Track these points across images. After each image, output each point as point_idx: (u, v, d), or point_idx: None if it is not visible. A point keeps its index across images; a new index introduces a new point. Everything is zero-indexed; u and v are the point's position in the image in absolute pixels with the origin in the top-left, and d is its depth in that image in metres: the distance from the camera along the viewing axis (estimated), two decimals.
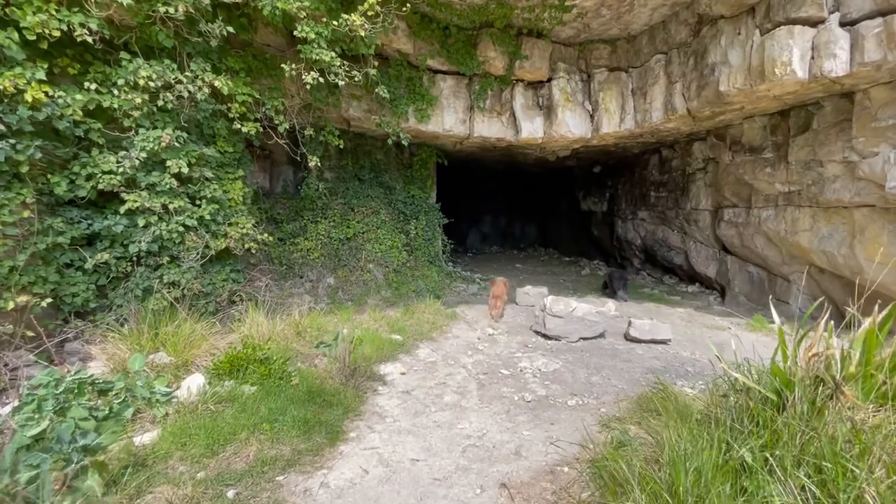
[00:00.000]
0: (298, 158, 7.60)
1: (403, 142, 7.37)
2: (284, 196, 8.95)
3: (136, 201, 4.45)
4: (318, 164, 6.49)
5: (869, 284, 6.01)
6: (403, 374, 4.72)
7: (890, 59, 4.67)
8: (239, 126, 5.44)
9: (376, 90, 6.39)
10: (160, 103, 4.44)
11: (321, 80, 5.25)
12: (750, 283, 8.44)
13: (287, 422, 3.36)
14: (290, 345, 5.08)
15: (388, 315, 6.85)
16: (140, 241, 4.65)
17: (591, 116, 8.14)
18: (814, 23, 5.10)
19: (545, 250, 18.77)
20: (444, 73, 7.92)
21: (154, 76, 4.22)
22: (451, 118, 7.99)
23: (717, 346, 6.19)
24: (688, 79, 6.82)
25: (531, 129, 8.01)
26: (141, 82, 4.16)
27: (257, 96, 5.68)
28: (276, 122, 5.99)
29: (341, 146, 7.48)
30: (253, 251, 6.02)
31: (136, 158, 4.36)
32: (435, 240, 10.60)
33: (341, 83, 5.40)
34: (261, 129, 5.96)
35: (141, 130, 4.48)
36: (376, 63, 5.97)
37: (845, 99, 5.95)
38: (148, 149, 4.40)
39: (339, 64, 5.29)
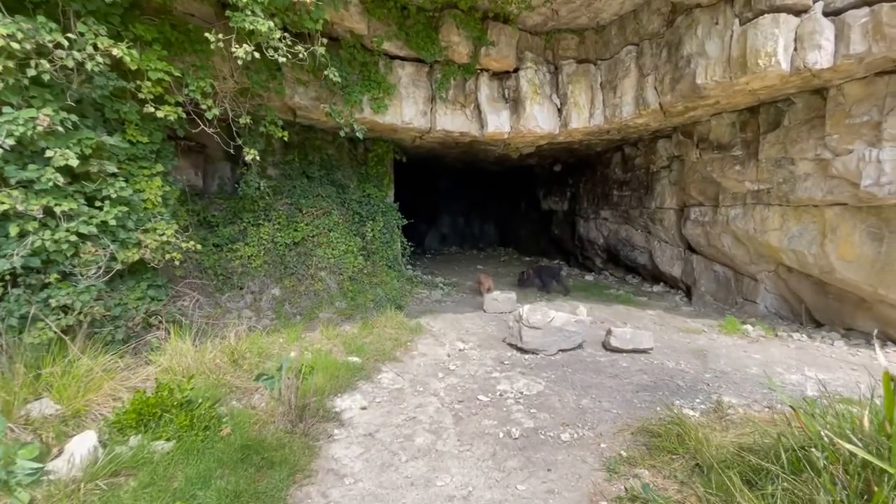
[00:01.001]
0: (236, 153, 6.58)
1: (358, 134, 6.54)
2: (221, 196, 7.82)
3: (2, 203, 3.37)
4: (257, 158, 5.57)
5: (840, 284, 5.95)
6: (364, 408, 3.95)
7: (875, 52, 4.47)
8: (153, 110, 4.41)
9: (326, 73, 5.53)
10: (32, 73, 3.37)
11: (256, 55, 4.34)
12: (716, 282, 8.35)
13: (210, 498, 2.51)
14: (222, 378, 4.15)
15: (343, 331, 6.02)
16: (13, 255, 3.56)
17: (559, 111, 7.69)
18: (797, 11, 4.85)
19: (505, 250, 18.44)
20: (403, 59, 7.16)
21: (20, 35, 3.17)
22: (410, 109, 7.25)
23: (699, 353, 5.91)
24: (661, 71, 6.49)
25: (497, 122, 7.43)
26: (0, 42, 3.10)
27: (177, 74, 4.66)
28: (204, 106, 4.99)
29: (286, 138, 6.52)
30: (177, 262, 4.99)
31: (0, 146, 3.28)
32: (394, 242, 9.81)
33: (281, 59, 4.51)
34: (184, 116, 4.95)
35: (6, 109, 3.39)
36: (324, 41, 5.12)
37: (817, 95, 5.82)
38: (17, 133, 3.33)
39: (278, 37, 4.41)
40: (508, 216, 18.69)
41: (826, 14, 4.71)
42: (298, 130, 8.56)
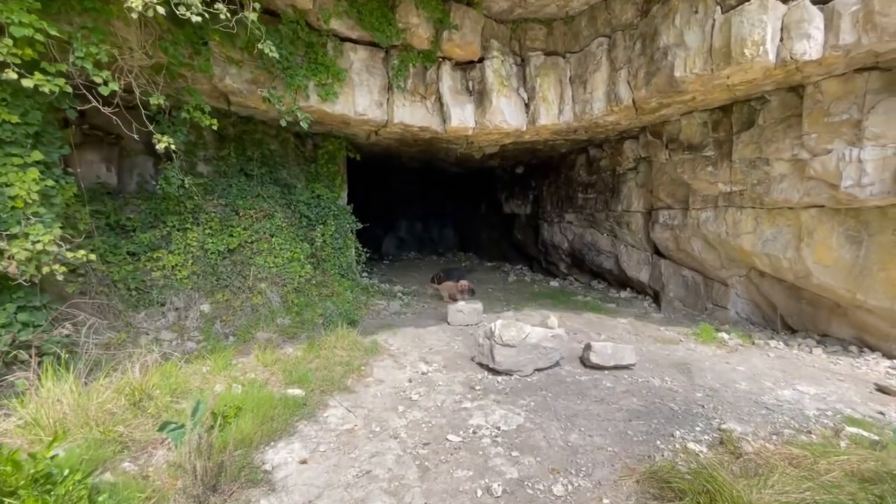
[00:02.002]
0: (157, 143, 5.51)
1: (302, 123, 5.65)
2: (140, 196, 6.64)
3: None
4: (172, 146, 4.56)
5: (815, 289, 5.72)
6: (304, 462, 3.10)
7: (864, 43, 4.20)
8: (15, 77, 3.35)
9: (261, 47, 4.63)
10: None
11: (161, 10, 3.40)
12: (685, 287, 8.10)
13: None
14: (112, 430, 3.16)
15: (284, 354, 5.09)
16: None
17: (527, 106, 7.15)
18: None
19: (465, 255, 17.88)
20: (356, 41, 6.34)
21: None
22: (364, 99, 6.44)
23: (683, 368, 5.46)
24: (635, 65, 6.09)
25: (461, 116, 6.77)
26: None
27: (56, 34, 3.62)
28: (97, 80, 3.95)
29: (217, 128, 5.52)
30: (60, 276, 3.90)
31: None
32: (347, 248, 8.91)
33: (196, 19, 3.59)
34: (70, 91, 3.90)
35: None
36: (257, 6, 4.23)
37: (793, 93, 5.59)
38: None
39: None
40: (468, 220, 18.15)
41: (815, 2, 4.41)
42: (236, 122, 7.52)
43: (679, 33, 5.35)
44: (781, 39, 4.56)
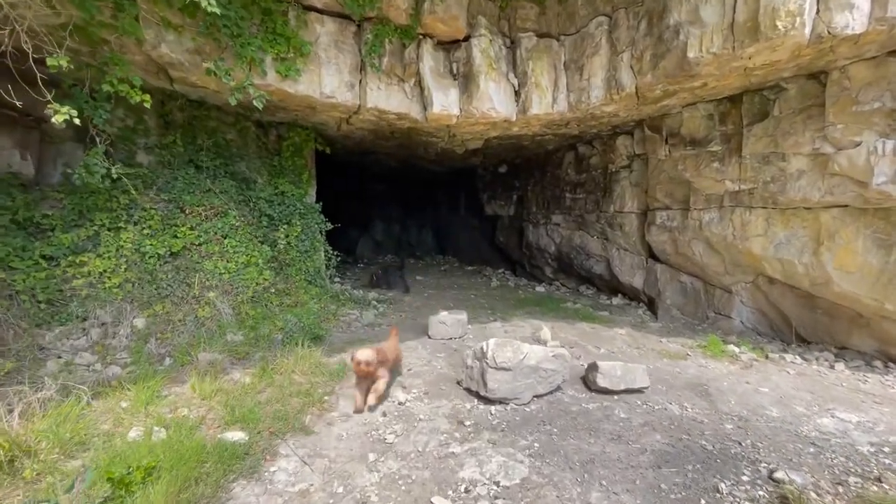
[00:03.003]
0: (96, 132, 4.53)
1: (256, 102, 4.75)
2: (63, 189, 5.56)
3: None
4: (75, 119, 3.56)
5: (835, 297, 5.17)
6: None
7: None
8: None
9: (203, 5, 3.72)
10: None
11: None
12: (683, 294, 7.53)
13: None
14: None
15: (230, 382, 4.16)
16: None
17: (517, 94, 6.42)
18: None
19: (444, 258, 17.08)
20: (322, 12, 5.47)
21: None
22: (332, 79, 5.57)
23: (701, 390, 4.73)
24: (639, 47, 5.44)
25: (444, 102, 5.98)
26: None
27: None
28: None
29: (147, 103, 4.55)
30: None
31: None
32: (315, 251, 7.98)
33: None
34: None
35: None
36: None
37: (813, 81, 5.04)
38: None
39: None
40: (448, 222, 17.37)
41: None
42: (184, 105, 6.52)
43: (693, 8, 4.71)
44: (818, 11, 3.96)
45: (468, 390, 4.24)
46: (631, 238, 8.30)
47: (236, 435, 3.22)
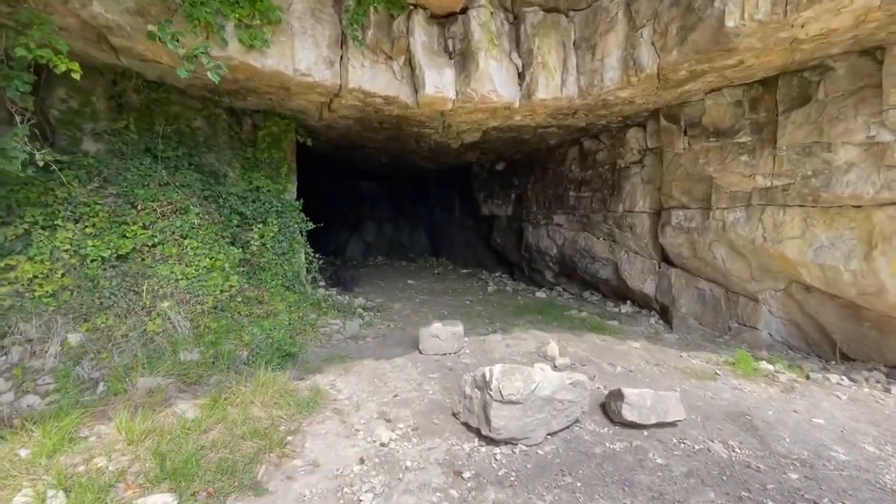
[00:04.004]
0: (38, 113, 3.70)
1: (211, 75, 3.96)
2: None
3: None
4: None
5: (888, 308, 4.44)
6: None
7: None
8: None
9: None
10: None
11: None
12: (701, 302, 6.82)
13: None
14: None
15: (170, 417, 3.34)
16: None
17: (520, 77, 5.68)
18: None
19: (437, 261, 16.30)
20: None
21: None
22: (308, 53, 4.78)
23: (744, 422, 3.84)
24: (664, 19, 4.71)
25: (438, 83, 5.21)
26: None
27: None
28: None
29: (76, 74, 3.73)
30: None
31: None
32: (294, 254, 7.17)
33: None
34: None
35: None
36: None
37: (867, 58, 4.35)
38: None
39: None
40: (442, 222, 16.60)
41: None
42: (141, 86, 5.69)
43: None
44: None
45: (466, 425, 3.46)
46: (642, 240, 7.58)
47: (161, 500, 2.41)
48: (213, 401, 3.52)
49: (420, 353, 5.34)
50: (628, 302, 8.37)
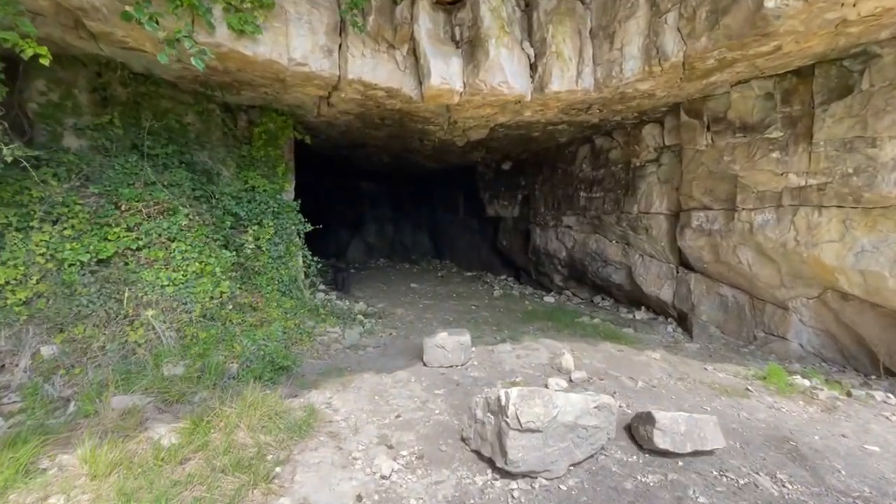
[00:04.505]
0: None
1: (194, 61, 3.59)
2: None
3: None
4: None
5: None
6: None
7: None
8: None
9: None
10: None
11: None
12: (724, 310, 6.40)
13: None
14: None
15: (143, 444, 2.96)
16: None
17: (533, 67, 5.29)
18: None
19: (441, 263, 15.93)
20: None
21: None
22: (304, 41, 4.41)
23: (790, 449, 3.05)
24: (691, 3, 4.32)
25: (444, 73, 4.82)
26: None
27: None
28: None
29: (45, 59, 3.37)
30: None
31: None
32: (291, 257, 6.81)
33: None
34: None
35: None
36: None
37: None
38: None
39: None
40: (445, 223, 16.21)
41: None
42: (127, 79, 5.34)
43: None
44: None
45: (478, 454, 3.07)
46: (658, 243, 7.17)
47: None
48: (194, 424, 3.14)
49: (424, 364, 4.95)
50: (643, 308, 7.95)
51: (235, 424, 3.17)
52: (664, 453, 3.13)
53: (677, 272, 7.05)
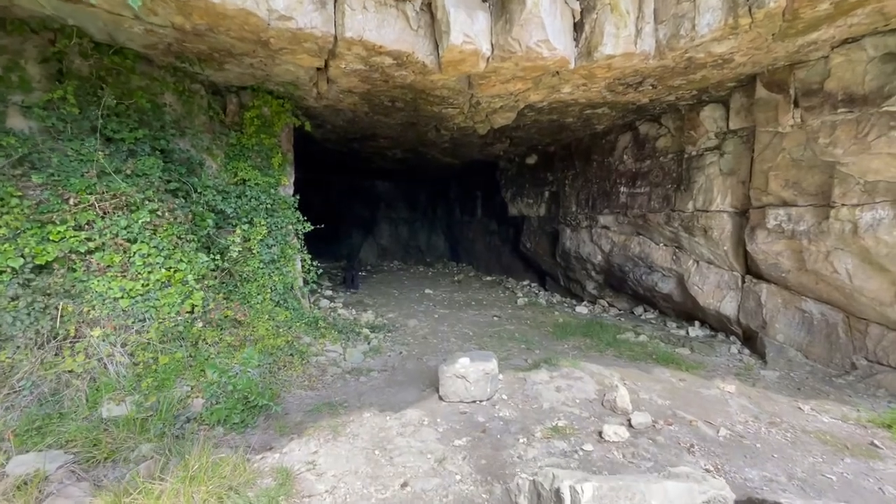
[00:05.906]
0: None
1: (131, 2, 2.63)
2: None
3: None
4: None
5: None
6: None
7: None
8: None
9: None
10: None
11: None
12: (806, 329, 5.21)
13: None
14: None
15: None
16: None
17: (577, 26, 4.22)
18: None
19: (458, 266, 14.92)
20: None
21: None
22: None
23: None
24: None
25: (469, 30, 3.78)
26: None
27: None
28: None
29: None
30: None
31: None
32: (287, 260, 5.90)
33: None
34: None
35: None
36: None
37: None
38: None
39: None
40: (463, 224, 15.18)
41: None
42: (88, 49, 4.46)
43: None
44: None
45: None
46: (720, 247, 6.00)
47: None
48: (117, 500, 2.17)
49: (440, 398, 3.94)
50: (696, 323, 6.78)
51: (177, 498, 2.20)
52: None
53: (743, 282, 5.87)
